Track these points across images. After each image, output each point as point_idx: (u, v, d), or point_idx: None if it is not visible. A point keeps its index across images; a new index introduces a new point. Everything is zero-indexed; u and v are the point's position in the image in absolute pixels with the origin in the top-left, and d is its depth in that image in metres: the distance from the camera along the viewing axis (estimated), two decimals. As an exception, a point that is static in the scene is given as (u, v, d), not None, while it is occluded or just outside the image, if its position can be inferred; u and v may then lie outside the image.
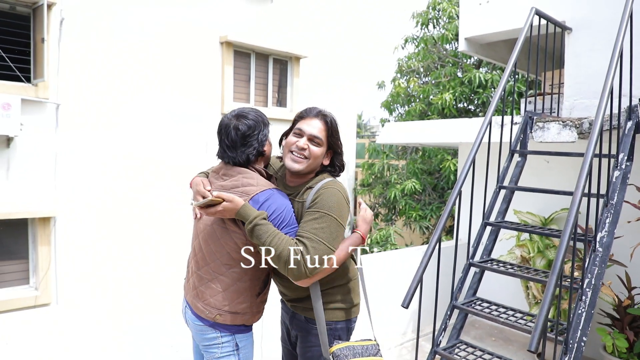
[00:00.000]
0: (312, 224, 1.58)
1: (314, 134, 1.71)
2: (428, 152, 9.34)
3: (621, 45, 2.47)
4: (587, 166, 2.08)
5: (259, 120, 1.75)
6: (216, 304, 1.71)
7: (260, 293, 1.79)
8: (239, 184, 1.69)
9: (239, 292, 1.72)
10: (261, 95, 8.11)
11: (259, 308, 1.81)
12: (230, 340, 1.76)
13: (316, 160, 1.73)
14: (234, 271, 1.71)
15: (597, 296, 2.30)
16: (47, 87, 5.70)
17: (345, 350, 1.65)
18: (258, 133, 1.73)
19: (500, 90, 2.84)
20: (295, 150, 1.71)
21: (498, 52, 5.13)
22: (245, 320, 1.76)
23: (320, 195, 1.64)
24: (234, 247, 1.69)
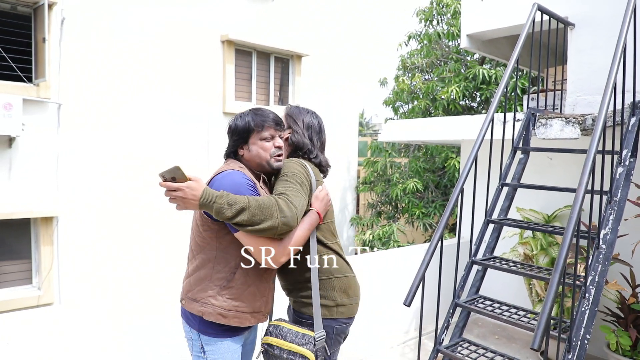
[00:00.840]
0: (281, 182, 1.74)
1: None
2: (431, 150, 9.31)
3: (624, 41, 2.45)
4: (590, 163, 2.07)
5: (234, 127, 1.82)
6: (184, 288, 1.79)
7: (225, 287, 1.69)
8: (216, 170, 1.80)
9: (201, 280, 1.72)
10: (263, 94, 8.10)
11: (221, 305, 1.68)
12: (197, 340, 1.73)
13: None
14: (199, 256, 1.75)
15: (600, 294, 2.28)
16: (48, 87, 5.70)
17: (276, 329, 1.80)
18: (230, 136, 1.85)
19: (503, 87, 2.82)
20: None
21: (500, 48, 5.11)
22: (203, 312, 1.68)
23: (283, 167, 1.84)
24: (197, 231, 1.74)
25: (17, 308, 5.42)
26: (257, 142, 1.79)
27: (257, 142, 1.79)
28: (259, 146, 1.79)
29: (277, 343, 1.76)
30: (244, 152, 1.82)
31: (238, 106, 7.62)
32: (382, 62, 32.94)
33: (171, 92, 6.83)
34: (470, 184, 2.63)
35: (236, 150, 1.84)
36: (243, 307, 1.72)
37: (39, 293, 5.74)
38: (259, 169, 1.83)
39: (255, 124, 1.79)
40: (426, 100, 9.14)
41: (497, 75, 8.06)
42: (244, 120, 1.80)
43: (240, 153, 1.83)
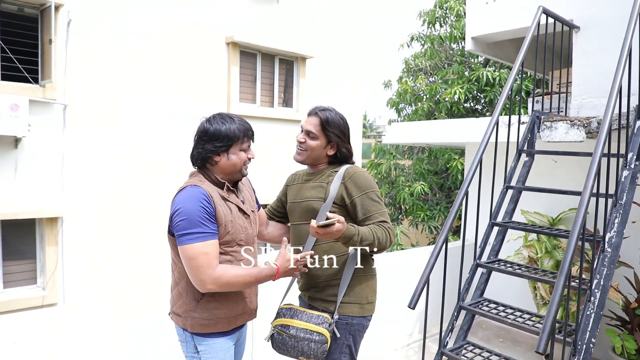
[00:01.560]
0: (373, 203, 1.86)
1: (309, 129, 1.95)
2: (435, 152, 9.30)
3: (630, 44, 2.44)
4: (595, 166, 2.06)
5: (217, 131, 1.71)
6: (170, 301, 1.81)
7: (202, 299, 1.69)
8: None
9: (179, 295, 1.74)
10: (267, 95, 8.12)
11: (203, 316, 1.69)
12: (190, 341, 1.74)
13: (314, 152, 1.95)
14: (177, 272, 1.75)
15: (606, 297, 2.27)
16: (54, 88, 5.74)
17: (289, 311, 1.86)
18: (207, 141, 1.72)
19: (508, 90, 2.82)
20: (297, 144, 1.98)
21: (505, 51, 5.10)
22: (187, 325, 1.70)
23: (351, 179, 1.88)
24: (172, 249, 1.73)
25: (22, 308, 5.45)
26: (237, 152, 1.75)
27: (237, 152, 1.75)
28: (238, 156, 1.76)
29: (292, 323, 1.81)
30: (221, 159, 1.74)
31: (242, 108, 7.64)
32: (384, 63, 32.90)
33: (176, 93, 6.86)
34: (475, 186, 2.62)
35: (208, 156, 1.73)
36: (226, 313, 1.74)
37: (43, 293, 5.76)
38: (229, 177, 1.79)
39: (243, 134, 1.76)
40: (430, 102, 9.14)
41: (501, 77, 8.06)
42: (230, 127, 1.72)
43: (217, 159, 1.74)
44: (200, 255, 1.60)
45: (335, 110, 2.00)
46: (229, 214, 1.73)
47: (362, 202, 1.85)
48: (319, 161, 1.99)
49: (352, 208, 1.87)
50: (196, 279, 1.61)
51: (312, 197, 1.93)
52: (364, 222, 1.85)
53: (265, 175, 7.98)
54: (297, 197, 2.01)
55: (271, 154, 8.00)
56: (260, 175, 7.93)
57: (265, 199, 8.22)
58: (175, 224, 1.63)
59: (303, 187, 2.01)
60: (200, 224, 1.62)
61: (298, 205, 1.99)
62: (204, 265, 1.60)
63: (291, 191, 2.10)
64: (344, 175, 1.89)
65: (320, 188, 1.93)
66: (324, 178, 1.95)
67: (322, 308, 1.91)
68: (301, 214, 1.97)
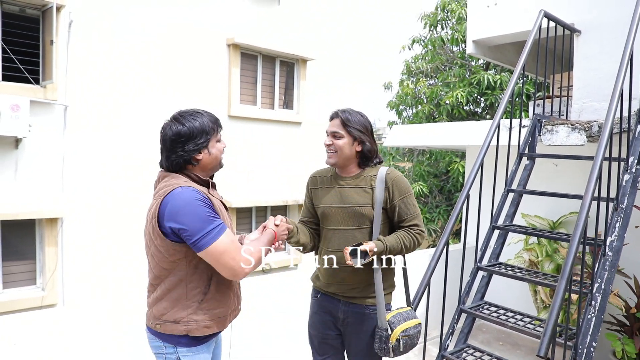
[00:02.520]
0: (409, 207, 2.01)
1: (334, 130, 2.06)
2: (435, 155, 9.30)
3: (631, 48, 2.45)
4: (596, 170, 2.06)
5: (193, 129, 1.66)
6: (156, 313, 1.70)
7: (203, 300, 1.68)
8: (160, 187, 1.67)
9: (177, 300, 1.67)
10: (268, 97, 8.13)
11: (205, 317, 1.68)
12: (173, 353, 1.69)
13: (343, 150, 2.03)
14: (169, 280, 1.67)
15: (606, 301, 2.27)
16: (55, 88, 5.74)
17: (397, 316, 1.99)
18: (185, 141, 1.66)
19: (509, 93, 2.82)
20: (326, 148, 2.07)
21: (506, 54, 5.11)
22: (188, 330, 1.66)
23: (394, 182, 2.01)
24: (161, 257, 1.66)
25: (22, 309, 5.44)
26: (216, 145, 1.74)
27: (215, 144, 1.74)
28: (216, 148, 1.75)
29: (409, 324, 1.98)
30: (203, 156, 1.70)
31: (243, 109, 7.65)
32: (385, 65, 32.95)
33: (176, 94, 6.86)
34: (476, 189, 2.63)
35: (191, 157, 1.68)
36: (223, 311, 1.74)
37: (43, 294, 5.76)
38: (211, 171, 1.78)
39: (215, 124, 1.75)
40: (430, 105, 9.15)
41: (502, 80, 8.06)
42: (203, 122, 1.70)
43: (199, 158, 1.69)
44: (229, 245, 1.60)
45: (354, 109, 2.12)
46: (219, 209, 1.73)
47: (401, 206, 2.00)
48: (350, 161, 2.06)
49: (391, 210, 2.02)
50: (235, 269, 1.60)
51: (360, 203, 2.01)
52: (399, 223, 2.02)
53: (265, 177, 7.98)
54: (337, 202, 2.06)
55: (272, 155, 8.01)
56: (261, 176, 7.94)
57: (265, 201, 8.23)
58: (185, 232, 1.56)
59: (343, 191, 2.06)
60: (212, 219, 1.60)
61: (341, 210, 2.04)
62: (236, 252, 1.61)
63: (323, 194, 2.12)
64: (386, 180, 2.00)
65: (366, 193, 2.02)
66: (367, 183, 2.03)
67: (365, 304, 2.05)
68: (346, 218, 2.03)
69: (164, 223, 1.59)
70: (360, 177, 2.06)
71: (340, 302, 2.09)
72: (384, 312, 1.99)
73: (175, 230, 1.57)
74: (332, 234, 2.07)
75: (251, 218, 8.00)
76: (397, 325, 1.96)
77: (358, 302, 2.05)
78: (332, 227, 2.06)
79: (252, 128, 7.78)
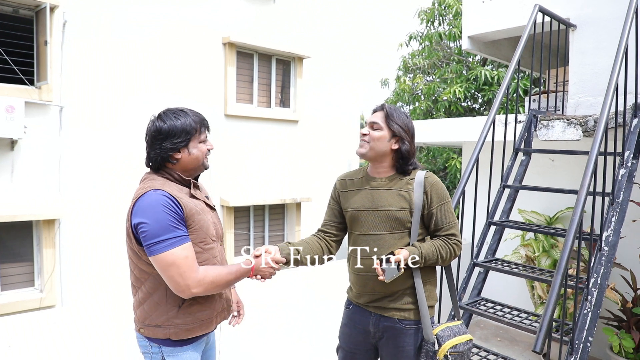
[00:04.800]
0: (447, 215, 1.88)
1: (373, 121, 1.91)
2: (433, 151, 9.31)
3: (626, 42, 2.44)
4: (592, 164, 2.06)
5: (173, 127, 1.66)
6: (139, 317, 1.68)
7: (183, 304, 1.64)
8: (137, 189, 1.66)
9: (157, 304, 1.64)
10: (264, 96, 8.11)
11: (186, 321, 1.65)
12: (158, 352, 1.67)
13: (377, 143, 1.88)
14: (149, 283, 1.65)
15: (603, 296, 2.27)
16: (50, 89, 5.72)
17: (446, 330, 1.86)
18: (164, 139, 1.65)
19: (504, 89, 2.82)
20: (360, 138, 1.92)
21: (502, 50, 5.10)
22: (170, 334, 1.63)
23: (433, 188, 1.88)
24: (137, 259, 1.63)
25: (20, 310, 5.43)
26: (197, 145, 1.71)
27: (197, 145, 1.71)
28: (198, 149, 1.71)
29: (459, 340, 1.85)
30: (182, 155, 1.68)
31: (240, 108, 7.63)
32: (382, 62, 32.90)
33: (172, 94, 6.85)
34: (472, 185, 2.62)
35: (171, 155, 1.67)
36: (208, 314, 1.71)
37: (41, 295, 5.75)
38: (194, 172, 1.75)
39: (200, 125, 1.71)
40: (428, 101, 9.14)
41: (500, 76, 8.06)
42: (185, 121, 1.67)
43: (178, 157, 1.67)
44: (181, 260, 1.54)
45: (401, 109, 2.00)
46: (200, 211, 1.68)
47: (439, 213, 1.86)
48: (383, 158, 1.90)
49: (428, 217, 1.87)
50: (180, 285, 1.55)
51: (395, 207, 1.85)
52: (435, 232, 1.89)
53: (263, 175, 7.97)
54: (368, 205, 1.90)
55: (269, 154, 8.00)
56: (259, 175, 7.93)
57: (263, 199, 8.21)
58: (143, 233, 1.53)
59: (375, 193, 1.90)
60: (174, 228, 1.55)
61: (373, 213, 1.89)
62: (186, 269, 1.55)
63: (352, 197, 1.97)
64: (425, 184, 1.86)
65: (401, 197, 1.86)
66: (402, 185, 1.88)
67: (397, 317, 1.88)
68: (377, 222, 1.88)
69: (133, 224, 1.58)
70: (396, 179, 1.90)
71: (371, 314, 1.93)
72: (429, 324, 1.85)
73: (137, 231, 1.55)
74: (362, 240, 1.91)
75: (249, 217, 8.00)
76: (446, 340, 1.82)
77: (389, 315, 1.88)
78: (362, 232, 1.91)
79: (249, 127, 7.77)
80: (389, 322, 1.88)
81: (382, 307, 1.89)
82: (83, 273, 6.05)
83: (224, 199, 7.38)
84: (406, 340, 1.86)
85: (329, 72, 8.95)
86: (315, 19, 8.67)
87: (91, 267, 6.10)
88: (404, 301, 1.87)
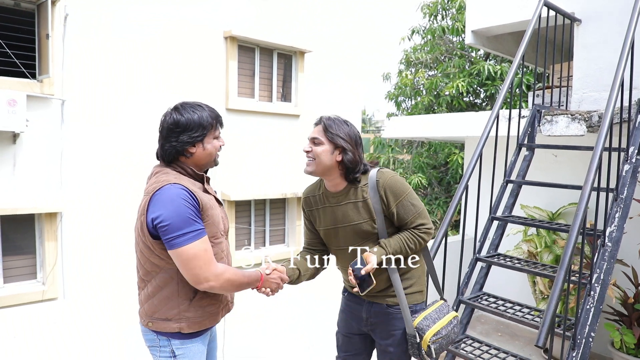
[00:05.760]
0: (408, 209, 1.88)
1: (313, 136, 1.89)
2: (434, 146, 9.29)
3: (632, 37, 2.42)
4: (596, 160, 2.05)
5: (191, 121, 1.66)
6: (147, 311, 1.69)
7: (195, 297, 1.67)
8: (150, 183, 1.66)
9: (168, 298, 1.65)
10: (265, 90, 8.09)
11: (197, 314, 1.68)
12: (166, 346, 1.68)
13: (321, 158, 1.86)
14: (160, 277, 1.66)
15: (605, 292, 2.27)
16: (52, 83, 5.70)
17: (425, 320, 1.89)
18: (181, 132, 1.66)
19: (508, 83, 2.80)
20: (305, 156, 1.90)
21: (505, 44, 5.07)
22: (181, 327, 1.66)
23: (387, 188, 1.87)
24: (150, 253, 1.64)
25: (22, 303, 5.45)
26: (212, 141, 1.72)
27: (211, 140, 1.72)
28: (213, 145, 1.72)
29: (440, 325, 1.89)
30: (196, 150, 1.69)
31: (241, 102, 7.61)
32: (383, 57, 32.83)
33: (174, 88, 6.83)
34: (475, 180, 2.61)
35: (184, 149, 1.67)
36: (215, 307, 1.74)
37: (43, 288, 5.76)
38: (205, 167, 1.76)
39: (216, 121, 1.72)
40: (430, 96, 9.11)
41: (503, 71, 8.02)
42: (202, 115, 1.68)
43: (192, 151, 1.68)
44: (201, 252, 1.56)
45: (341, 118, 1.94)
46: (212, 206, 1.69)
47: (399, 210, 1.87)
48: (331, 172, 1.88)
49: (390, 216, 1.89)
50: (200, 278, 1.57)
51: (357, 220, 1.89)
52: (402, 227, 1.91)
53: (264, 170, 7.97)
54: (334, 222, 1.95)
55: (270, 148, 7.99)
56: (260, 169, 7.92)
57: (264, 194, 8.22)
58: (163, 227, 1.54)
59: (337, 209, 1.94)
60: (193, 221, 1.56)
61: (342, 229, 1.94)
62: (206, 261, 1.57)
63: (319, 215, 2.02)
64: (378, 187, 1.86)
65: (360, 209, 1.89)
66: (358, 195, 1.89)
67: (386, 303, 1.96)
68: (347, 237, 1.94)
69: (149, 219, 1.58)
70: (351, 190, 1.91)
71: (364, 301, 2.02)
72: (410, 318, 1.90)
73: (156, 225, 1.56)
74: (340, 254, 2.01)
75: (250, 212, 8.00)
76: (426, 330, 1.86)
77: (380, 302, 1.97)
78: (338, 247, 1.99)
79: (250, 121, 7.75)
80: (380, 307, 1.97)
81: (373, 295, 1.98)
82: (85, 266, 6.06)
83: (225, 193, 7.38)
84: (396, 324, 1.95)
85: (331, 66, 8.92)
86: (317, 13, 8.63)
87: (93, 261, 6.11)
88: (391, 289, 1.95)
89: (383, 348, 2.01)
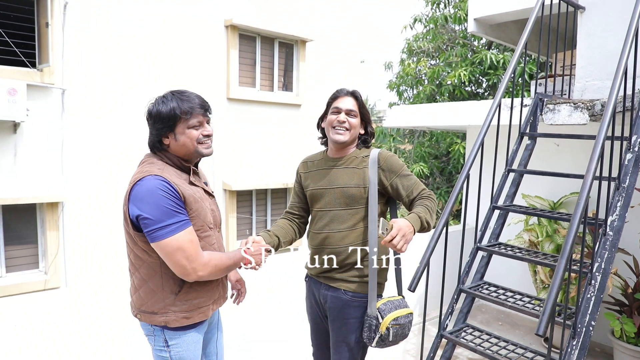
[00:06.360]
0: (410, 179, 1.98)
1: (350, 108, 2.01)
2: (436, 136, 9.25)
3: (636, 24, 2.39)
4: (599, 149, 2.04)
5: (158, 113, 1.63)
6: (135, 303, 1.68)
7: (180, 291, 1.63)
8: (135, 172, 1.63)
9: (153, 292, 1.63)
10: (267, 79, 8.05)
11: (183, 308, 1.64)
12: (160, 335, 1.67)
13: (355, 130, 2.02)
14: (143, 270, 1.63)
15: (606, 281, 2.27)
16: (52, 72, 5.68)
17: (388, 304, 1.93)
18: (153, 123, 1.66)
19: (510, 72, 2.78)
20: (337, 125, 1.99)
21: (508, 33, 5.02)
22: (167, 321, 1.63)
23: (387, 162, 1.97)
24: (133, 244, 1.62)
25: (24, 292, 5.49)
26: (185, 131, 1.63)
27: (184, 131, 1.63)
28: (186, 135, 1.63)
29: (400, 313, 1.93)
30: (169, 141, 1.65)
31: (242, 92, 7.58)
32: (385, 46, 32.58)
33: (175, 77, 6.80)
34: (476, 169, 2.60)
35: (160, 139, 1.65)
36: (204, 302, 1.70)
37: (45, 277, 5.80)
38: (189, 158, 1.70)
39: (182, 111, 1.61)
40: (432, 85, 9.05)
41: (505, 60, 7.95)
42: (169, 106, 1.62)
43: (166, 142, 1.65)
44: (187, 244, 1.53)
45: None
46: (198, 199, 1.65)
47: (402, 182, 1.96)
48: (354, 141, 2.05)
49: (393, 190, 1.97)
50: (187, 269, 1.55)
51: (349, 184, 1.96)
52: (408, 197, 1.97)
53: (265, 159, 7.96)
54: (326, 183, 2.02)
55: (271, 138, 7.97)
56: (261, 159, 7.91)
57: (266, 183, 8.21)
58: (144, 220, 1.51)
59: (331, 172, 2.03)
60: (175, 213, 1.53)
61: (330, 191, 2.00)
62: (192, 253, 1.55)
63: (313, 177, 2.09)
64: (379, 160, 1.97)
65: (356, 174, 1.97)
66: (358, 163, 2.00)
67: (343, 288, 1.97)
68: (334, 199, 1.98)
69: (129, 210, 1.55)
70: (352, 158, 2.02)
71: (321, 285, 2.04)
72: (375, 298, 1.93)
73: (136, 217, 1.53)
74: (320, 215, 2.02)
75: (251, 201, 8.01)
76: (387, 313, 1.89)
77: (336, 286, 1.98)
78: (320, 208, 2.02)
79: (252, 110, 7.73)
80: (335, 292, 1.98)
81: (331, 278, 1.99)
82: (86, 255, 6.10)
83: (226, 183, 7.38)
84: (351, 312, 1.96)
85: (332, 55, 8.86)
86: (318, 1, 8.55)
87: (95, 250, 6.15)
88: (351, 274, 1.96)
89: (335, 336, 2.00)
